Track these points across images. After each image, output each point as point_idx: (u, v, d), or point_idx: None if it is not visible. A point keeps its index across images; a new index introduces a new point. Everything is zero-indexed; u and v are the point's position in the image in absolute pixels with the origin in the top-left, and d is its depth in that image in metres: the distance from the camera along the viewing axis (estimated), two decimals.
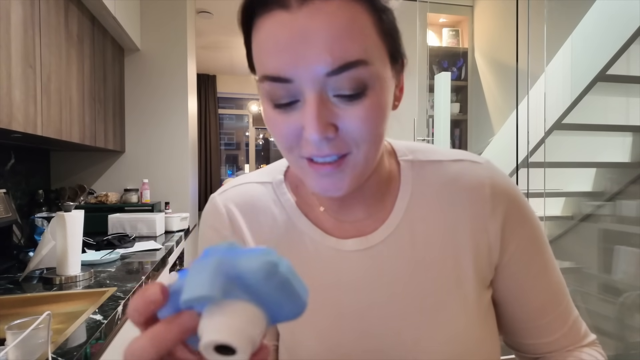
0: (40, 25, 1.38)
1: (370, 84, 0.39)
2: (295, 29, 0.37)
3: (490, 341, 0.50)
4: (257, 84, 0.42)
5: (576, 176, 2.37)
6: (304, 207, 0.52)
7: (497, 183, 0.49)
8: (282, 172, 0.55)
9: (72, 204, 1.26)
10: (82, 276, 1.27)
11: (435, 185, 0.50)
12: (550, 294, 0.51)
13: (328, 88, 0.38)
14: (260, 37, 0.39)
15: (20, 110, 1.24)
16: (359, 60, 0.37)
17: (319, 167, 0.41)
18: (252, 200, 0.53)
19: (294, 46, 0.37)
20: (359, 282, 0.48)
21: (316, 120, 0.38)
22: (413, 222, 0.49)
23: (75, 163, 2.41)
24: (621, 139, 2.23)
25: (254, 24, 0.40)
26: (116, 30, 2.14)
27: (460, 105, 3.26)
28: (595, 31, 2.00)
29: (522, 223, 0.49)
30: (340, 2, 0.37)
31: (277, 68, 0.38)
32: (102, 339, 0.91)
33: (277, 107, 0.40)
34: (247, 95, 5.69)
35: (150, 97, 2.53)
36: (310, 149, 0.40)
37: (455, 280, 0.48)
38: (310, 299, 0.46)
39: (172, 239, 2.07)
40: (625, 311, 1.94)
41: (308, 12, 0.37)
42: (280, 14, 0.37)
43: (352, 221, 0.50)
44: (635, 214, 2.02)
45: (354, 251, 0.49)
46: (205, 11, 3.44)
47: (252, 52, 0.42)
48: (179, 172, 2.59)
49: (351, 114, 0.39)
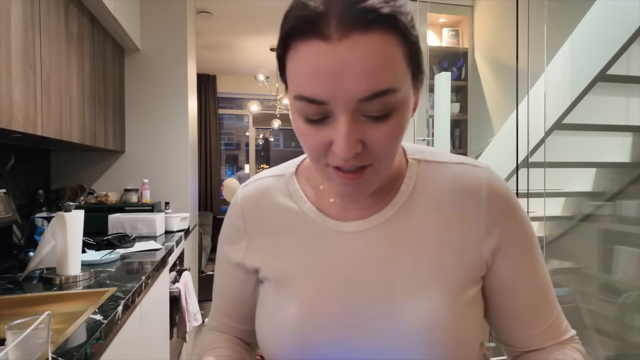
0: (40, 25, 1.38)
1: (396, 107, 0.43)
2: (335, 61, 0.40)
3: (469, 331, 0.51)
4: (289, 98, 0.47)
5: (576, 176, 2.36)
6: (313, 195, 0.58)
7: (493, 184, 0.54)
8: (295, 166, 0.62)
9: (72, 204, 1.26)
10: (82, 276, 1.27)
11: (437, 182, 0.55)
12: (538, 289, 0.55)
13: (358, 110, 0.42)
14: (298, 61, 0.42)
15: (20, 110, 1.24)
16: (389, 89, 0.41)
17: (344, 175, 0.46)
18: (264, 193, 0.60)
19: (332, 76, 0.40)
20: (350, 260, 0.53)
21: (346, 140, 0.42)
22: (410, 213, 0.53)
23: (75, 163, 2.41)
24: (621, 139, 2.22)
25: (290, 45, 0.43)
26: (116, 30, 2.14)
27: (460, 105, 3.26)
28: (596, 31, 2.00)
29: (514, 222, 0.54)
30: (376, 36, 0.40)
31: (314, 93, 0.42)
32: (102, 339, 0.91)
33: (309, 121, 0.44)
34: (247, 95, 5.69)
35: (150, 97, 2.53)
36: (337, 161, 0.45)
37: (440, 268, 0.51)
38: (302, 273, 0.54)
39: (172, 239, 2.07)
40: (625, 311, 1.94)
41: (347, 46, 0.39)
42: (319, 44, 0.40)
43: (357, 209, 0.55)
44: (635, 214, 2.02)
45: (351, 232, 0.54)
46: (205, 11, 3.44)
47: (285, 69, 0.45)
48: (179, 172, 2.59)
49: (377, 132, 0.43)
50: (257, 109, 4.52)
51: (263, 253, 0.58)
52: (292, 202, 0.58)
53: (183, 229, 2.36)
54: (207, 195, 5.53)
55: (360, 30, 0.39)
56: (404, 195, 0.54)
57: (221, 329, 0.66)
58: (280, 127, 5.27)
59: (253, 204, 0.60)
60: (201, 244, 3.98)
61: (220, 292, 0.65)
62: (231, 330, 0.66)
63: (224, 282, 0.64)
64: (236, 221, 0.61)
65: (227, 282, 0.63)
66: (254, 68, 4.80)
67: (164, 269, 1.71)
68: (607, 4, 1.96)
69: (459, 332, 0.49)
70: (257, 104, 4.53)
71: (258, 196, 0.60)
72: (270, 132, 7.15)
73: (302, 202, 0.57)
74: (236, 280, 0.62)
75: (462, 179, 0.54)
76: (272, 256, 0.57)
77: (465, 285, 0.52)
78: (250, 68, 5.12)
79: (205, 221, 5.13)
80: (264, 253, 0.58)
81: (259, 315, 0.58)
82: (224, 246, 0.63)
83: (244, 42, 4.29)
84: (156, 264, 1.52)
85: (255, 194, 0.61)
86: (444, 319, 0.48)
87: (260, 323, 0.57)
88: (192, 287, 2.14)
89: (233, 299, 0.63)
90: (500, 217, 0.53)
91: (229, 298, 0.64)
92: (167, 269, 1.79)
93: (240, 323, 0.64)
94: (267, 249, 0.58)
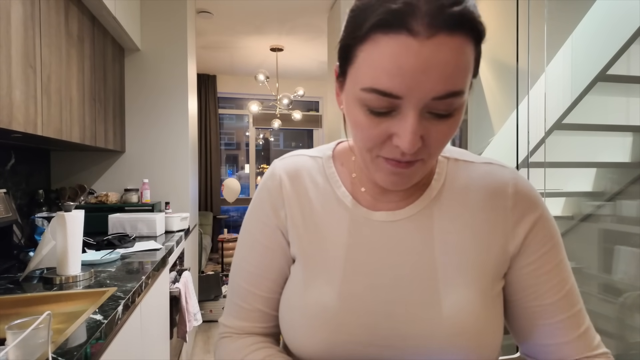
0: (41, 25, 1.38)
1: (459, 107, 0.45)
2: (420, 58, 0.40)
3: (491, 326, 0.52)
4: (350, 89, 0.46)
5: (576, 176, 2.36)
6: (346, 182, 0.59)
7: (519, 184, 0.56)
8: (331, 150, 0.63)
9: (73, 204, 1.26)
10: (82, 276, 1.27)
11: (465, 179, 0.57)
12: (564, 293, 0.54)
13: (427, 107, 0.43)
14: (378, 53, 0.42)
15: (21, 110, 1.24)
16: (460, 91, 0.43)
17: (396, 165, 0.47)
18: (301, 169, 0.61)
19: (414, 73, 0.40)
20: (380, 248, 0.54)
21: (413, 134, 0.43)
22: (439, 207, 0.55)
23: (76, 163, 2.41)
24: (621, 139, 2.22)
25: (370, 37, 0.42)
26: (116, 30, 2.14)
27: None
28: (596, 31, 2.00)
29: (541, 219, 0.54)
30: (460, 39, 0.41)
31: (392, 87, 0.42)
32: (102, 339, 0.91)
33: (372, 113, 0.45)
34: (247, 95, 5.69)
35: (150, 97, 2.53)
36: (394, 154, 0.46)
37: (469, 261, 0.52)
38: (334, 255, 0.56)
39: (172, 238, 2.07)
40: (626, 311, 1.94)
41: (435, 45, 0.40)
42: (406, 39, 0.40)
43: (387, 201, 0.57)
44: (635, 214, 2.02)
45: (381, 222, 0.55)
46: (205, 11, 3.44)
47: (354, 59, 0.45)
48: (179, 172, 2.59)
49: (438, 130, 0.45)
50: (257, 108, 4.52)
51: (297, 224, 0.58)
52: (328, 184, 0.59)
53: (183, 229, 2.36)
54: (207, 195, 5.53)
55: (448, 31, 0.40)
56: (434, 190, 0.56)
57: (247, 317, 0.60)
58: (280, 127, 5.27)
59: (292, 175, 0.60)
60: (201, 244, 3.97)
61: (251, 272, 0.60)
62: (262, 320, 0.60)
63: (258, 262, 0.59)
64: (274, 190, 0.60)
65: (262, 260, 0.59)
66: (254, 68, 4.80)
67: (164, 269, 1.71)
68: (607, 4, 1.96)
69: (487, 322, 0.51)
70: (257, 103, 4.53)
71: (297, 169, 0.61)
72: (271, 132, 7.15)
73: (337, 185, 0.59)
74: (272, 252, 0.59)
75: (489, 178, 0.56)
76: (304, 230, 0.57)
77: (493, 279, 0.53)
78: (250, 68, 5.12)
79: (205, 221, 5.13)
80: (298, 225, 0.58)
81: (288, 296, 0.57)
82: (261, 213, 0.60)
83: (244, 42, 4.29)
84: (156, 264, 1.52)
85: (294, 167, 0.61)
86: (474, 309, 0.50)
87: (290, 303, 0.56)
88: (192, 287, 2.14)
89: (270, 280, 0.59)
90: (527, 213, 0.54)
91: (266, 279, 0.59)
92: (167, 269, 1.79)
93: (273, 309, 0.59)
94: (301, 221, 0.58)
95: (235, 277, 0.62)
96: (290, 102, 4.42)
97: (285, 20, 3.70)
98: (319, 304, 0.53)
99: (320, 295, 0.53)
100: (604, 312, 2.03)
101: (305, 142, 7.17)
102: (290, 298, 0.56)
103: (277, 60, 4.69)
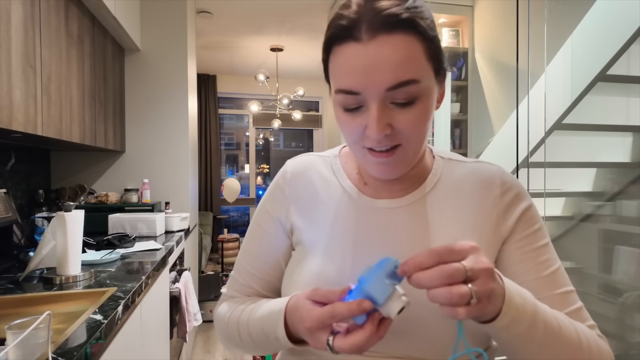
0: (41, 25, 1.38)
1: (419, 95, 0.51)
2: (366, 58, 0.49)
3: None
4: (331, 94, 0.57)
5: (576, 176, 2.36)
6: (351, 176, 0.67)
7: (506, 176, 0.64)
8: (337, 151, 0.72)
9: (72, 204, 1.26)
10: (82, 276, 1.27)
11: (457, 175, 0.65)
12: (551, 272, 0.59)
13: (387, 98, 0.51)
14: (337, 61, 0.53)
15: (21, 110, 1.24)
16: (410, 80, 0.50)
17: (377, 155, 0.54)
18: (310, 165, 0.70)
19: (364, 70, 0.50)
20: (382, 231, 0.61)
21: (377, 122, 0.51)
22: (435, 197, 0.63)
23: (75, 163, 2.41)
24: (621, 139, 2.22)
25: (332, 50, 0.53)
26: (116, 30, 2.14)
27: (460, 105, 3.26)
28: (596, 31, 2.00)
29: (530, 207, 0.62)
30: (400, 36, 0.49)
31: (350, 85, 0.51)
32: (102, 339, 0.91)
33: (347, 110, 0.54)
34: (247, 95, 5.69)
35: (150, 97, 2.53)
36: (371, 142, 0.54)
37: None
38: (336, 239, 0.63)
39: (172, 238, 2.07)
40: (626, 311, 1.94)
41: (376, 45, 0.49)
42: (353, 45, 0.50)
43: (388, 192, 0.64)
44: (635, 214, 2.02)
45: (384, 208, 0.63)
46: (205, 11, 3.44)
47: (329, 70, 0.56)
48: (179, 172, 2.59)
49: (403, 117, 0.52)
50: (257, 109, 4.52)
51: (301, 215, 0.65)
52: (334, 177, 0.67)
53: (183, 229, 2.36)
54: (207, 195, 5.53)
55: (385, 32, 0.49)
56: (431, 183, 0.64)
57: (242, 291, 0.70)
58: (280, 127, 5.27)
59: (298, 172, 0.68)
60: (201, 244, 3.97)
61: (251, 254, 0.69)
62: (254, 295, 0.69)
63: (257, 245, 0.69)
64: (282, 186, 0.69)
65: (261, 243, 0.68)
66: (254, 68, 4.80)
67: (164, 268, 1.71)
68: (607, 4, 1.96)
69: None
70: (257, 104, 4.53)
71: (304, 166, 0.69)
72: (270, 132, 7.15)
73: (342, 178, 0.67)
74: (270, 238, 0.68)
75: (479, 172, 0.64)
76: (308, 219, 0.65)
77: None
78: (250, 68, 5.12)
79: (205, 221, 5.13)
80: (301, 215, 0.65)
81: (290, 272, 0.64)
82: (267, 204, 0.69)
83: (244, 42, 4.29)
84: (156, 263, 1.52)
85: (302, 165, 0.70)
86: None
87: (292, 278, 0.62)
88: (192, 287, 2.14)
89: (265, 262, 0.68)
90: (517, 200, 0.62)
91: (261, 261, 0.68)
92: (167, 268, 1.79)
93: (266, 289, 0.69)
94: (305, 212, 0.65)
95: (240, 255, 0.72)
96: (290, 102, 4.42)
97: (285, 20, 3.70)
98: (321, 274, 0.59)
99: (323, 266, 0.60)
100: (604, 312, 2.03)
101: (305, 142, 7.17)
102: (293, 273, 0.63)
103: (277, 60, 4.69)
